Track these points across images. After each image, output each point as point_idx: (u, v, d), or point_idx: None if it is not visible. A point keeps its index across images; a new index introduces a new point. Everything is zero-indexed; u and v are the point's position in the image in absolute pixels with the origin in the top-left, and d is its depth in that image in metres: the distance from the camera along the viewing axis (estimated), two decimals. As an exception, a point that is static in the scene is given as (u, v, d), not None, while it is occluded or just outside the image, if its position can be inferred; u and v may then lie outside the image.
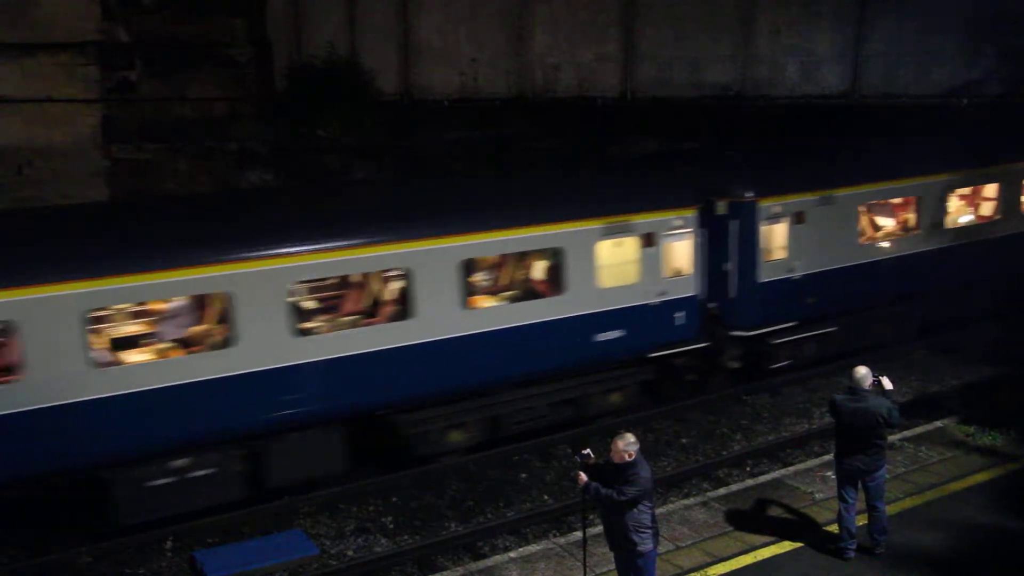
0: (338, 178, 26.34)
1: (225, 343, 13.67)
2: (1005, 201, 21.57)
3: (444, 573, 12.65)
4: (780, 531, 12.82)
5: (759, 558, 12.17)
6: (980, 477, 14.37)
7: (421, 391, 15.27)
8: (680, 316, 17.52)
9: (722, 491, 14.41)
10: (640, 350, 17.39)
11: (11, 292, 12.19)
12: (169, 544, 13.90)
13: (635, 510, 9.69)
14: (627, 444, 9.69)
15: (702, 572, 11.90)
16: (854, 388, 11.52)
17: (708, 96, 23.68)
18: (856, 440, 11.54)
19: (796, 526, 12.96)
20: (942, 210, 20.34)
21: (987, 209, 21.77)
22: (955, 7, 20.68)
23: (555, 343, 16.12)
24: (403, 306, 14.90)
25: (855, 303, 19.65)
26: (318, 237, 14.22)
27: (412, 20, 26.45)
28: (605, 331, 16.59)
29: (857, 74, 21.87)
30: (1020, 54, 20.37)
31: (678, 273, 17.53)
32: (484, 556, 13.41)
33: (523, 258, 16.62)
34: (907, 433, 15.98)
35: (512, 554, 12.64)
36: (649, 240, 16.96)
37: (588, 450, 10.36)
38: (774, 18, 22.65)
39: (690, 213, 17.45)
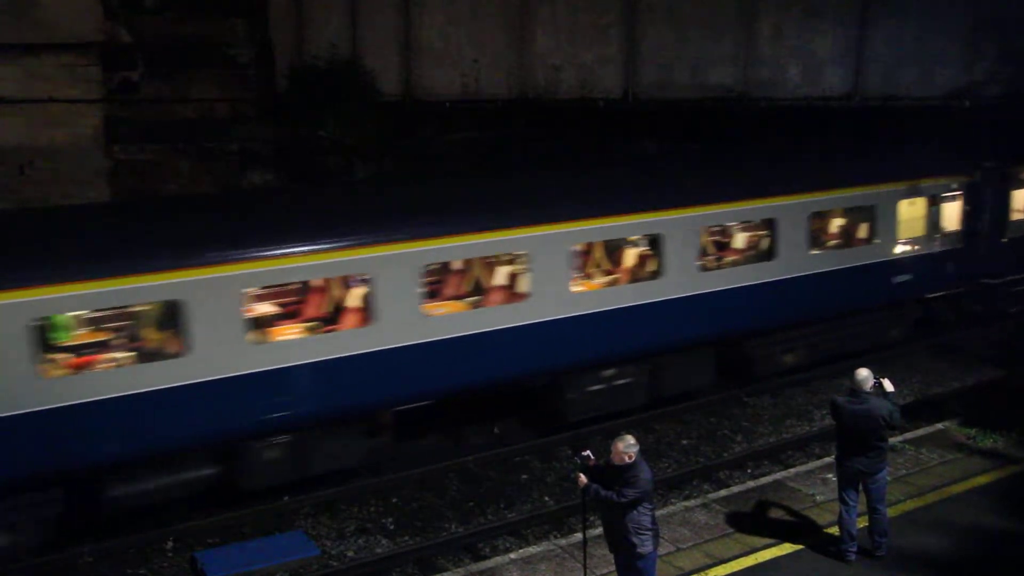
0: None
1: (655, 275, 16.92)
2: None
3: (445, 574, 12.67)
4: (781, 533, 12.82)
5: (759, 560, 12.18)
6: (981, 479, 14.37)
7: (767, 323, 18.59)
8: (950, 265, 20.76)
9: (723, 493, 14.42)
10: (920, 292, 20.79)
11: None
12: (170, 544, 13.91)
13: (635, 512, 9.69)
14: (627, 446, 9.70)
15: (702, 574, 11.91)
16: (855, 390, 11.52)
17: (710, 97, 23.67)
18: (857, 442, 11.54)
19: (797, 528, 12.96)
20: None
21: None
22: (957, 9, 20.69)
23: (866, 285, 19.55)
24: (768, 251, 18.39)
25: None
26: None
27: (414, 21, 26.46)
28: (900, 275, 19.99)
29: (859, 76, 21.87)
30: (1021, 56, 20.38)
31: (950, 229, 20.70)
32: (485, 557, 13.41)
33: (847, 213, 19.79)
34: (908, 435, 15.99)
35: (513, 555, 12.65)
36: (933, 200, 20.20)
37: (588, 451, 10.37)
38: (776, 20, 22.64)
39: (962, 179, 20.66)
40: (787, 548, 12.44)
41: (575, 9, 25.07)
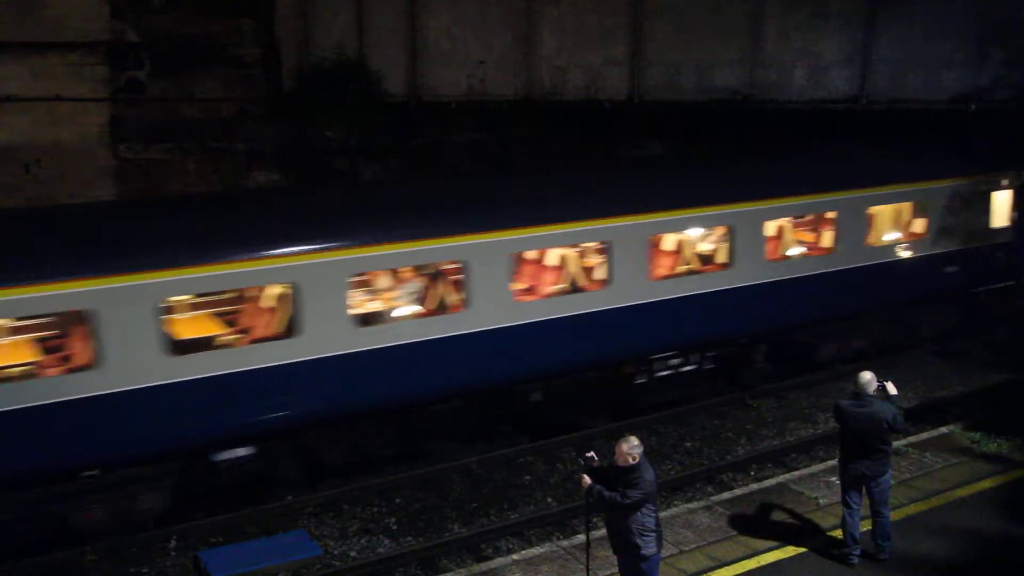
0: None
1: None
2: None
3: (447, 575, 12.67)
4: (784, 536, 12.82)
5: (763, 563, 12.18)
6: (986, 484, 14.35)
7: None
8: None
9: (726, 495, 14.42)
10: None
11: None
12: (173, 543, 13.93)
13: (639, 513, 9.69)
14: (631, 447, 9.70)
15: (705, 576, 11.91)
16: (859, 393, 11.52)
17: (716, 100, 23.64)
18: (861, 445, 11.54)
19: (800, 531, 12.96)
20: None
21: None
22: (964, 13, 20.65)
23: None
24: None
25: None
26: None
27: (420, 21, 26.43)
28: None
29: (865, 79, 21.84)
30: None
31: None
32: (487, 558, 13.43)
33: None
34: (912, 439, 15.98)
35: (515, 556, 12.67)
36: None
37: (592, 453, 10.38)
38: (782, 23, 22.60)
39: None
40: (790, 551, 12.44)
41: (581, 11, 25.04)
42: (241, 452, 14.18)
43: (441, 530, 14.52)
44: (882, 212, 20.06)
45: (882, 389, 11.62)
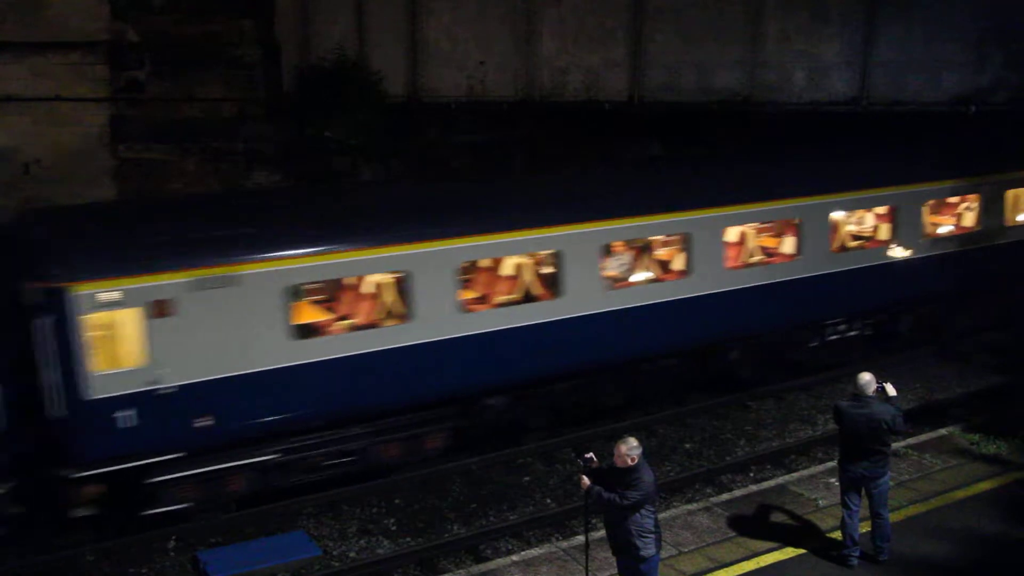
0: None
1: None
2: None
3: (446, 576, 12.69)
4: (783, 537, 12.81)
5: (762, 564, 12.17)
6: (984, 485, 14.34)
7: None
8: None
9: (725, 496, 14.41)
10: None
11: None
12: (172, 544, 13.93)
13: (638, 515, 9.69)
14: (630, 448, 9.69)
15: (704, 577, 11.91)
16: (858, 394, 11.51)
17: (716, 101, 23.65)
18: (860, 447, 11.53)
19: (799, 532, 12.95)
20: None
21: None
22: (964, 15, 20.65)
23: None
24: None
25: None
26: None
27: (420, 22, 26.47)
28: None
29: (865, 81, 21.84)
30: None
31: None
32: (486, 559, 13.43)
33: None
34: (911, 440, 15.96)
35: (515, 557, 12.66)
36: None
37: (591, 454, 10.36)
38: (782, 24, 22.60)
39: None
40: (789, 552, 12.43)
41: (581, 12, 25.07)
42: (500, 400, 16.22)
43: (440, 531, 14.52)
44: (1015, 194, 22.10)
45: (881, 390, 11.60)
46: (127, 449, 13.18)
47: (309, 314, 14.91)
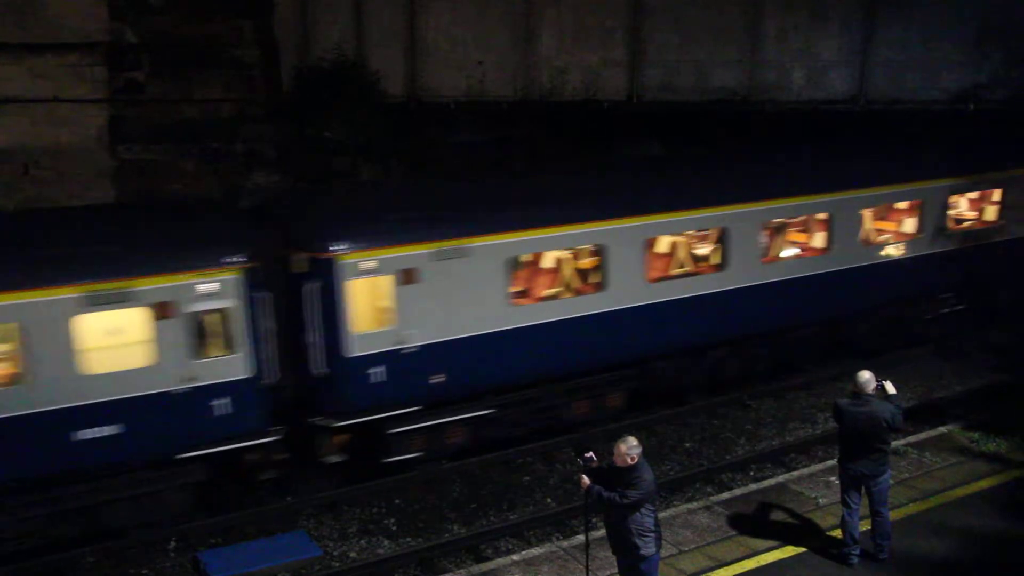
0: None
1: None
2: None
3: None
4: (783, 536, 12.81)
5: (762, 563, 12.17)
6: (984, 483, 14.35)
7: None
8: None
9: (725, 495, 14.42)
10: None
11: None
12: (172, 544, 13.93)
13: (638, 514, 9.69)
14: (630, 447, 9.69)
15: (705, 576, 11.91)
16: (858, 393, 11.51)
17: (714, 100, 23.66)
18: (860, 445, 11.53)
19: (799, 531, 12.96)
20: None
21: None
22: (963, 14, 20.68)
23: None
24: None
25: None
26: None
27: (419, 22, 26.46)
28: None
29: (864, 79, 21.86)
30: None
31: None
32: (487, 559, 13.44)
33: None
34: (911, 439, 15.97)
35: (515, 557, 12.66)
36: None
37: (591, 453, 10.36)
38: (781, 23, 22.63)
39: None
40: (789, 551, 12.44)
41: (580, 11, 25.08)
42: (668, 364, 17.99)
43: (440, 531, 14.52)
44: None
45: (881, 388, 11.60)
46: (376, 402, 15.13)
47: (524, 283, 17.01)
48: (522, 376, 16.41)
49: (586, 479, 10.07)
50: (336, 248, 14.44)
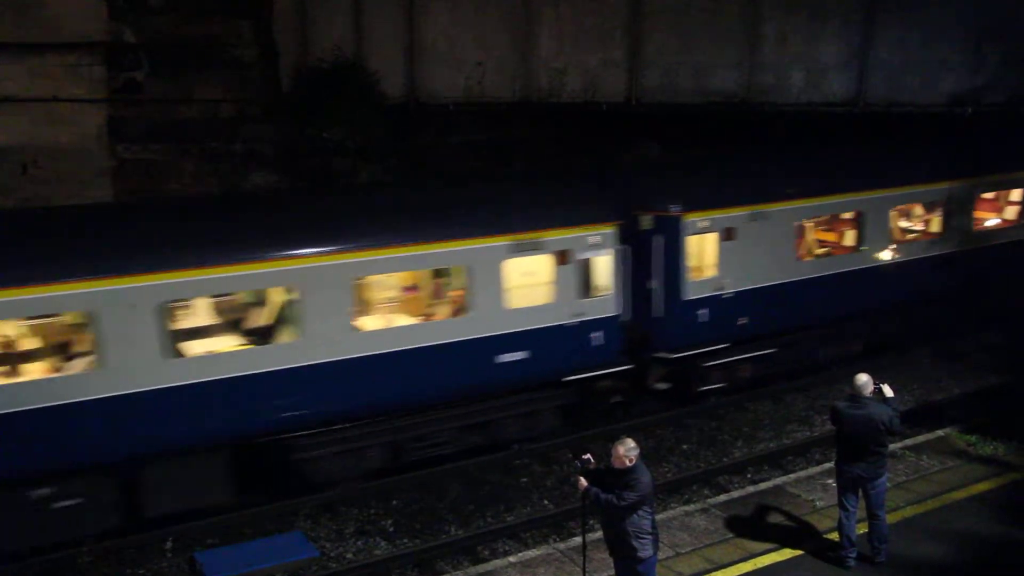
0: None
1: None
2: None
3: (444, 577, 12.69)
4: (780, 538, 12.82)
5: (759, 565, 12.18)
6: (982, 487, 14.36)
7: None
8: None
9: (723, 498, 14.43)
10: None
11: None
12: (169, 545, 13.93)
13: (635, 516, 9.69)
14: (628, 449, 9.70)
15: (702, 579, 11.91)
16: (855, 395, 11.52)
17: (713, 103, 23.63)
18: (857, 448, 11.54)
19: (797, 533, 12.96)
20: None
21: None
22: (961, 15, 20.64)
23: None
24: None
25: None
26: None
27: (418, 23, 26.42)
28: None
29: (862, 82, 21.82)
30: (1025, 62, 20.38)
31: None
32: (484, 560, 13.43)
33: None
34: (908, 441, 15.98)
35: (512, 558, 12.66)
36: None
37: (588, 455, 10.35)
38: (780, 26, 22.57)
39: None
40: (787, 553, 12.44)
41: (579, 12, 25.02)
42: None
43: (438, 532, 14.52)
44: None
45: (878, 391, 11.61)
46: (699, 339, 18.27)
47: (802, 243, 19.81)
48: (796, 322, 19.54)
49: (584, 481, 10.06)
50: (683, 208, 17.65)
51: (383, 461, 15.72)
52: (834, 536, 12.34)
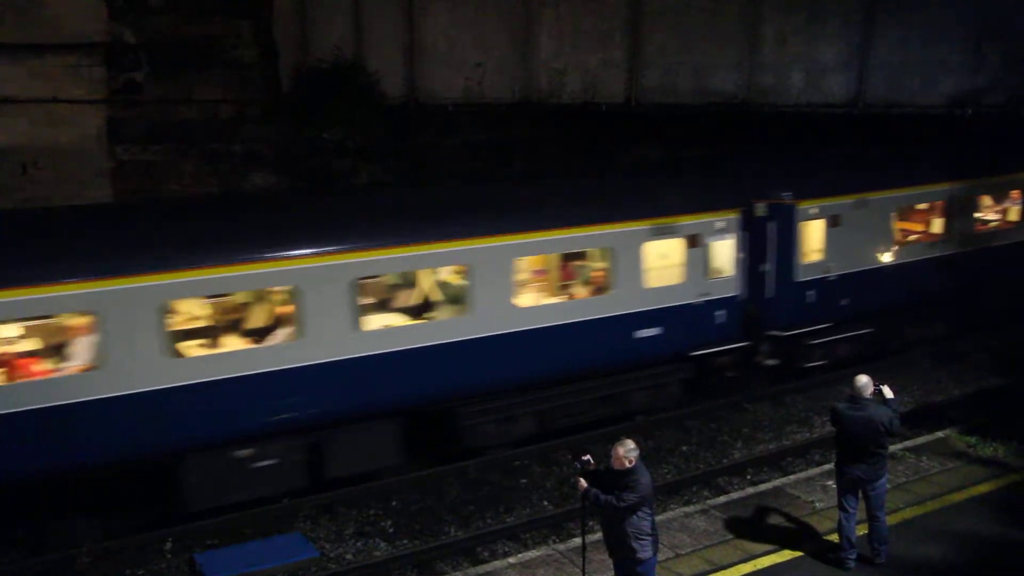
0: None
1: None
2: None
3: (443, 578, 12.68)
4: (780, 540, 12.81)
5: (759, 567, 12.16)
6: (982, 488, 14.35)
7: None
8: None
9: (722, 499, 14.41)
10: None
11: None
12: (169, 545, 13.90)
13: (635, 517, 9.68)
14: (627, 450, 9.68)
15: (701, 580, 11.90)
16: (855, 397, 11.51)
17: (713, 103, 23.62)
18: (857, 449, 11.52)
19: (796, 535, 12.95)
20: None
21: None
22: (961, 16, 20.62)
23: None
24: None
25: None
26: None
27: (418, 23, 26.45)
28: None
29: (862, 83, 21.81)
30: (1026, 63, 20.36)
31: None
32: (483, 561, 13.42)
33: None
34: (908, 443, 15.96)
35: (511, 560, 12.64)
36: None
37: (588, 456, 10.34)
38: (780, 26, 22.56)
39: None
40: (786, 555, 12.43)
41: (579, 13, 25.03)
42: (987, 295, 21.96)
43: (437, 533, 14.51)
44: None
45: (878, 392, 11.60)
46: (808, 319, 19.56)
47: (900, 230, 21.11)
48: (888, 304, 20.60)
49: (583, 482, 10.05)
50: (796, 196, 18.87)
51: (531, 429, 16.90)
52: (834, 537, 12.33)
